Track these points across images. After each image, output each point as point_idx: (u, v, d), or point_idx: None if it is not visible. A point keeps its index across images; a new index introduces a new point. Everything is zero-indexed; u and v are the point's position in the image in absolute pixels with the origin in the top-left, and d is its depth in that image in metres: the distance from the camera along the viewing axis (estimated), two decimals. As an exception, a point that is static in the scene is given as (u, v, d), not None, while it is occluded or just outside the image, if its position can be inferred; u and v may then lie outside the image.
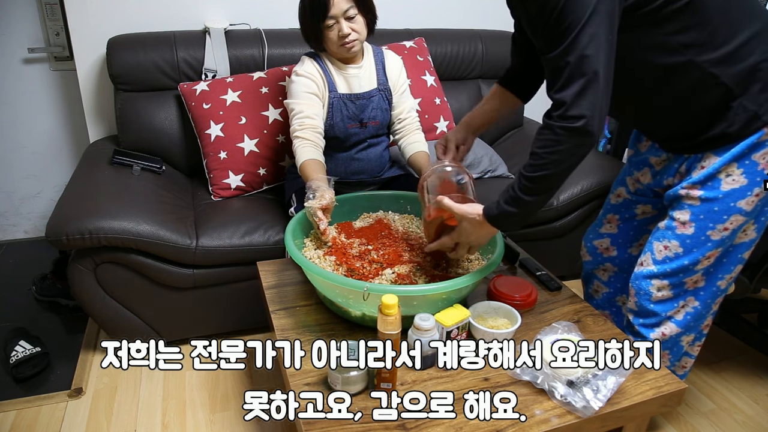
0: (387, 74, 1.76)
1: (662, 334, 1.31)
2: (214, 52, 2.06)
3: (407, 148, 1.77)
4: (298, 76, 1.65)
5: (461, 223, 1.22)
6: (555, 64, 1.02)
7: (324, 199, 1.37)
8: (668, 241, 1.25)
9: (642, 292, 1.29)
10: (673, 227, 1.24)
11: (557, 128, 1.04)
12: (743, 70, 1.09)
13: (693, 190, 1.20)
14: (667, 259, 1.25)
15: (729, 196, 1.17)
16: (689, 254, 1.22)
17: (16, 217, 2.52)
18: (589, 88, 1.00)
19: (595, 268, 1.56)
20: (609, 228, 1.49)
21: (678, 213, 1.23)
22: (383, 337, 1.03)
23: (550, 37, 1.02)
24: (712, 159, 1.17)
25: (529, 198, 1.10)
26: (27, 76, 2.29)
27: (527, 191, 1.10)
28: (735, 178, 1.16)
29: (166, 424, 1.58)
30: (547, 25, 1.01)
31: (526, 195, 1.10)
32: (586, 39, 0.98)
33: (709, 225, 1.19)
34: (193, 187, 2.03)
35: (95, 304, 1.68)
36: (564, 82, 1.01)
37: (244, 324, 1.89)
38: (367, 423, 1.03)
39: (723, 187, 1.17)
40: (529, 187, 1.10)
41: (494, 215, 1.15)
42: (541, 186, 1.10)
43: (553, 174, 1.08)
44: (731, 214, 1.18)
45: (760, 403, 1.72)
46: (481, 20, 2.52)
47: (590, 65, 0.99)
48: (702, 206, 1.19)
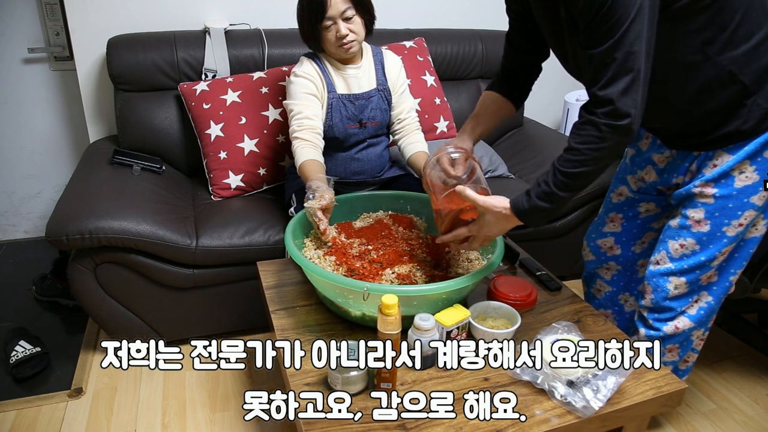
0: (386, 74, 1.75)
1: (675, 327, 1.32)
2: (214, 52, 2.06)
3: (407, 148, 1.77)
4: (297, 77, 1.65)
5: (484, 216, 1.19)
6: (600, 61, 1.01)
7: (324, 199, 1.37)
8: (684, 240, 1.26)
9: (659, 289, 1.30)
10: (687, 226, 1.25)
11: (602, 125, 1.02)
12: (759, 68, 1.10)
13: (706, 188, 1.21)
14: (684, 256, 1.26)
15: (743, 193, 1.18)
16: (706, 251, 1.24)
17: (16, 217, 2.52)
18: (633, 85, 1.00)
19: (599, 267, 1.56)
20: (612, 227, 1.49)
21: (691, 211, 1.24)
22: (383, 337, 1.03)
23: (596, 33, 1.00)
24: (725, 157, 1.18)
25: (564, 194, 1.09)
26: (27, 76, 2.29)
27: (563, 187, 1.08)
28: (748, 175, 1.17)
29: (166, 424, 1.58)
30: (594, 19, 0.99)
31: (561, 191, 1.09)
32: (633, 35, 0.97)
33: (725, 221, 1.21)
34: (193, 187, 2.03)
35: (95, 304, 1.68)
36: (609, 79, 1.00)
37: (244, 324, 1.89)
38: (367, 423, 1.03)
39: (737, 184, 1.18)
40: (566, 183, 1.08)
41: (525, 210, 1.13)
42: (578, 182, 1.09)
43: (592, 171, 1.07)
44: (745, 210, 1.20)
45: (760, 403, 1.72)
46: (481, 20, 2.52)
47: (636, 62, 0.99)
48: (716, 204, 1.20)
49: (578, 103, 2.75)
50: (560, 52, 1.22)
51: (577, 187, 1.09)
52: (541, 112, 2.79)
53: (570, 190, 1.09)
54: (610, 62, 0.99)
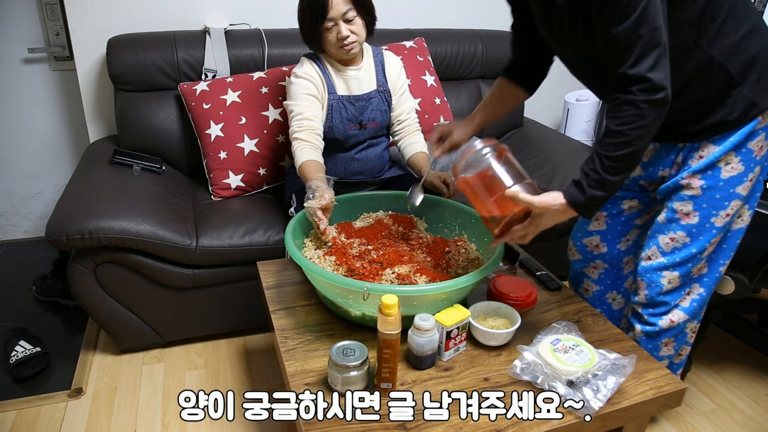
0: (386, 75, 1.75)
1: (671, 321, 1.34)
2: (214, 52, 2.06)
3: (407, 149, 1.77)
4: (297, 78, 1.65)
5: (540, 215, 1.17)
6: (626, 40, 1.01)
7: (324, 199, 1.37)
8: (674, 233, 1.27)
9: (654, 284, 1.32)
10: (676, 219, 1.27)
11: (640, 103, 1.03)
12: (745, 59, 1.13)
13: (694, 180, 1.23)
14: (676, 249, 1.28)
15: (729, 183, 1.21)
16: (696, 242, 1.26)
17: (16, 217, 2.52)
18: (662, 58, 1.02)
19: (585, 267, 1.56)
20: (597, 225, 1.50)
21: (679, 204, 1.26)
22: (383, 337, 1.04)
23: (615, 12, 1.01)
24: (711, 148, 1.20)
25: (616, 178, 1.09)
26: (27, 76, 2.29)
27: (613, 171, 1.09)
28: (734, 166, 1.20)
29: (166, 424, 1.58)
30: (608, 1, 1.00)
31: (613, 175, 1.09)
32: (654, 10, 0.99)
33: (712, 212, 1.23)
34: (193, 187, 2.03)
35: (95, 304, 1.68)
36: (638, 56, 1.02)
37: (244, 324, 1.90)
38: (367, 423, 1.03)
39: (723, 175, 1.21)
40: (615, 167, 1.08)
41: (582, 202, 1.12)
42: (627, 163, 1.09)
43: (638, 150, 1.08)
44: (732, 200, 1.22)
45: (760, 403, 1.72)
46: (481, 20, 2.52)
47: (661, 36, 1.01)
48: (704, 195, 1.23)
49: (578, 103, 2.75)
50: (556, 41, 1.21)
51: (626, 168, 1.10)
52: (541, 112, 2.79)
53: (620, 172, 1.09)
54: (637, 40, 1.01)
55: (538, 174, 2.17)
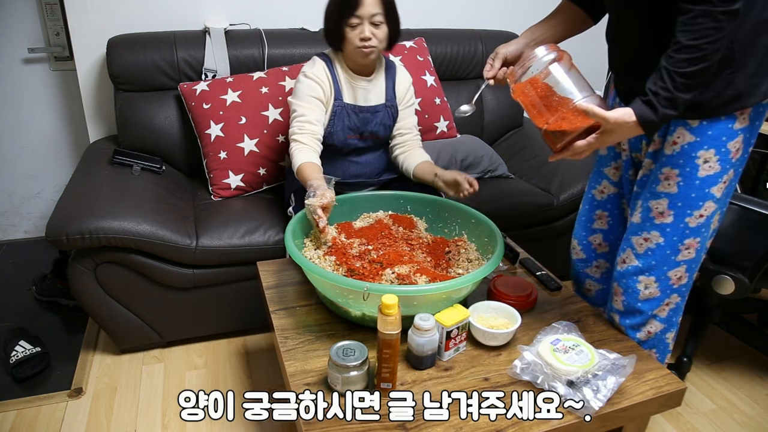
0: (396, 90, 1.75)
1: (648, 333, 1.32)
2: (214, 52, 2.06)
3: (409, 162, 1.75)
4: (306, 78, 1.64)
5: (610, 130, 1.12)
6: None
7: (325, 197, 1.37)
8: (647, 233, 1.25)
9: (630, 290, 1.30)
10: (650, 218, 1.25)
11: (718, 13, 1.00)
12: (752, 44, 1.09)
13: (671, 174, 1.20)
14: (649, 251, 1.26)
15: (704, 182, 1.19)
16: (669, 243, 1.24)
17: (16, 217, 2.52)
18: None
19: (587, 266, 1.55)
20: (600, 224, 1.50)
21: (654, 203, 1.24)
22: (383, 337, 1.04)
23: None
24: (685, 136, 1.17)
25: (688, 95, 1.07)
26: (27, 76, 2.29)
27: (684, 89, 1.06)
28: (711, 165, 1.17)
29: (166, 424, 1.58)
30: None
31: (684, 93, 1.06)
32: None
33: (687, 212, 1.21)
34: (193, 187, 2.03)
35: (95, 304, 1.68)
36: None
37: (244, 324, 1.89)
38: (367, 423, 1.03)
39: (700, 173, 1.18)
40: (687, 84, 1.05)
41: (654, 121, 1.09)
42: (700, 80, 1.06)
43: (710, 65, 1.04)
44: (706, 200, 1.20)
45: (760, 403, 1.72)
46: (481, 20, 2.52)
47: None
48: (679, 193, 1.20)
49: (578, 103, 2.74)
50: None
51: (698, 84, 1.07)
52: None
53: (692, 89, 1.06)
54: None
55: (538, 174, 2.17)
